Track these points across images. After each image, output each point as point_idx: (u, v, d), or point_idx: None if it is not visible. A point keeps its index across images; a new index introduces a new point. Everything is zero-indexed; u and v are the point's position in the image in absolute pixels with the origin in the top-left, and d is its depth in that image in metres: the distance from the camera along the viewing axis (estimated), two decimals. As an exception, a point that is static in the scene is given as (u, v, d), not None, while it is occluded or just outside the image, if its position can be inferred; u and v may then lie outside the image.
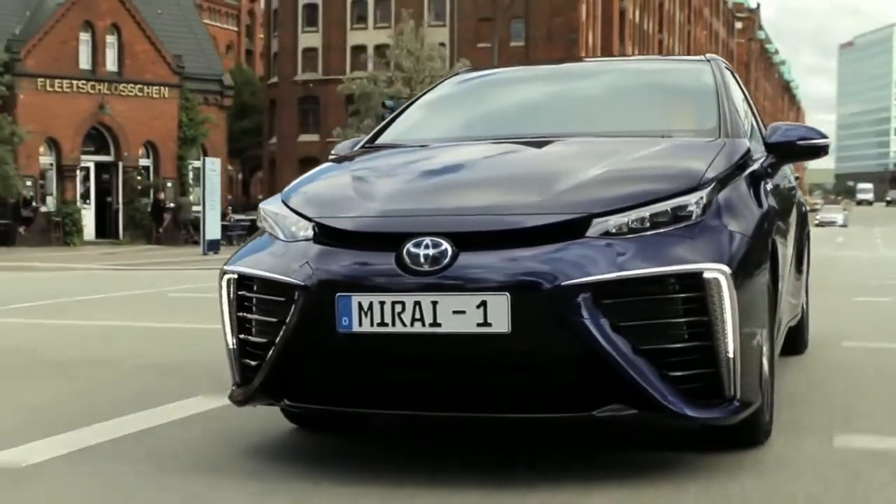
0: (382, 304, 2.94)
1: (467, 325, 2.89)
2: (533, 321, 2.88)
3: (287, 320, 3.08)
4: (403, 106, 4.67)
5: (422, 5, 58.33)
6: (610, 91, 4.64)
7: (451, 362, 2.97)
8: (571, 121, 4.21)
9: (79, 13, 33.74)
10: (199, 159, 32.85)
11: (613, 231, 2.98)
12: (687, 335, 2.95)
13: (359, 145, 4.24)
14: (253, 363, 3.25)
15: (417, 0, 60.77)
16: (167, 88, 35.65)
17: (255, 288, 3.26)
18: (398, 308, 2.93)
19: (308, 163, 41.27)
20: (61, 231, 32.54)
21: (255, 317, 3.27)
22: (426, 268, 2.94)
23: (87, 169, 34.73)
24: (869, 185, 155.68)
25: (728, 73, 4.51)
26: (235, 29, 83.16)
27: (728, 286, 2.95)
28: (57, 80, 33.05)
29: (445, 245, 2.96)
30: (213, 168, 27.38)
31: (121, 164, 34.86)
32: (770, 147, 4.04)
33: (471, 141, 4.00)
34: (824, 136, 4.10)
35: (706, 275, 2.94)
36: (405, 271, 2.96)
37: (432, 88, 4.80)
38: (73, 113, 33.16)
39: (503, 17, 62.12)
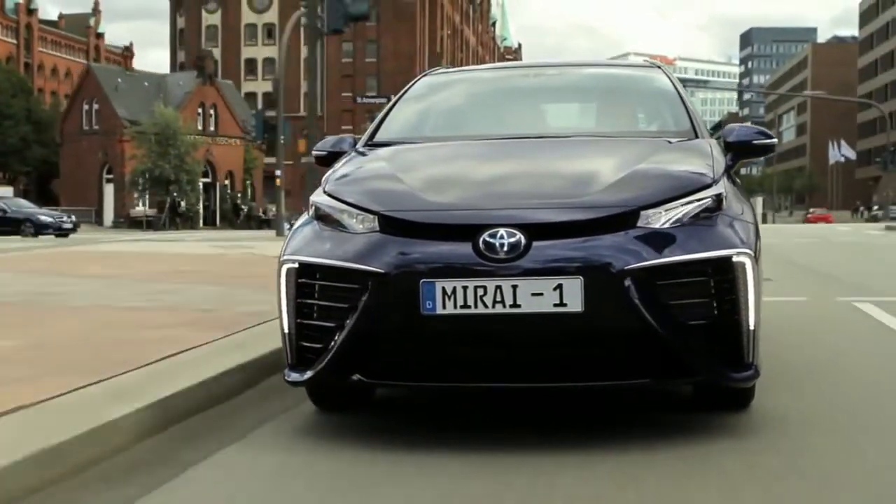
0: (465, 288, 3.16)
1: (545, 305, 3.14)
2: (602, 301, 3.15)
3: (360, 305, 3.27)
4: (389, 105, 4.75)
5: (299, 62, 69.83)
6: (590, 94, 5.09)
7: (530, 339, 3.21)
8: (567, 120, 4.69)
9: (197, 98, 58.55)
10: (250, 181, 58.41)
11: (655, 222, 3.30)
12: (717, 311, 3.26)
13: (360, 143, 4.37)
14: (314, 346, 3.42)
15: (295, 60, 73.13)
16: (238, 140, 61.12)
17: (318, 276, 3.42)
18: (480, 292, 3.15)
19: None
20: (190, 221, 56.58)
21: (319, 302, 3.42)
22: (503, 255, 3.18)
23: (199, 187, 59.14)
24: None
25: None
26: (14, 41, 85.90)
27: (752, 268, 3.31)
28: (188, 136, 56.93)
29: (519, 235, 3.20)
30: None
31: (217, 184, 59.77)
32: (729, 146, 4.18)
33: (479, 138, 4.26)
34: (772, 137, 4.29)
35: (735, 259, 3.29)
36: (484, 259, 3.19)
37: (411, 87, 4.95)
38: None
39: (360, 73, 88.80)
